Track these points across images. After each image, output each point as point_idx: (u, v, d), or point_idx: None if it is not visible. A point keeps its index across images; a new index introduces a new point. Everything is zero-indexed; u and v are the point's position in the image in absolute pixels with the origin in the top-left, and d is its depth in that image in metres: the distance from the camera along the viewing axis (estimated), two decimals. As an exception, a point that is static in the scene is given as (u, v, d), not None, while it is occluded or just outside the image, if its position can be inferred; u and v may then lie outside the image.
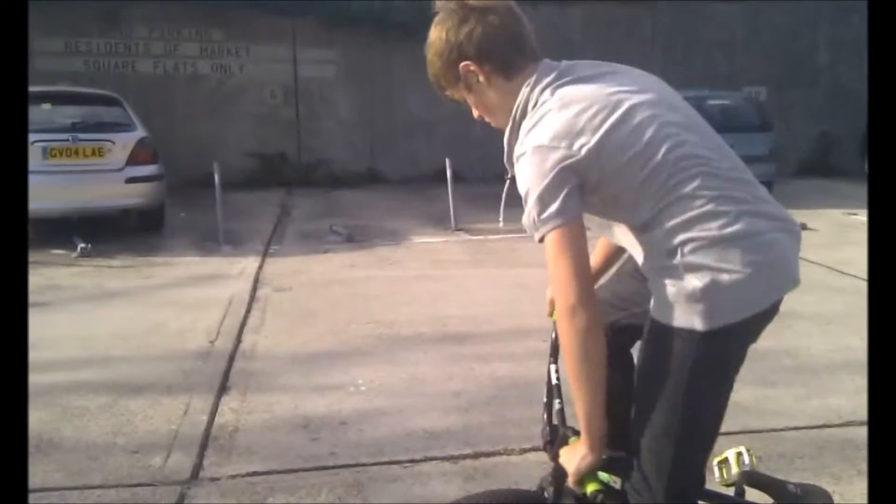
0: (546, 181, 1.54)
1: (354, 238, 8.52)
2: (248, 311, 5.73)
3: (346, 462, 3.37)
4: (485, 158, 14.57)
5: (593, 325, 1.55)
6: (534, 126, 1.58)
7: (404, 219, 9.94)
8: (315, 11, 13.37)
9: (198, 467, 3.33)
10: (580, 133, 1.54)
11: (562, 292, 1.55)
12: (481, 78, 1.69)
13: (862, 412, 3.75)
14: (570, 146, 1.54)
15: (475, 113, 1.80)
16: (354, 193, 12.52)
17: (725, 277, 1.54)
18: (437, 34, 1.70)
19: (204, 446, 3.52)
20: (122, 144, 8.26)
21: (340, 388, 4.21)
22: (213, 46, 13.63)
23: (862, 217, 9.65)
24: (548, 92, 1.62)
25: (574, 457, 1.68)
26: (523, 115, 1.65)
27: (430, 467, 3.33)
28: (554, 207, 1.54)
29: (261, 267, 7.20)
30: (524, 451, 3.46)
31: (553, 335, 1.96)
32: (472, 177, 13.98)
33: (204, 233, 8.63)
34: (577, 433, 1.69)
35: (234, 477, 3.25)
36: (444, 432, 3.66)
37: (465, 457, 3.42)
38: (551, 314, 1.99)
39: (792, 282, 1.63)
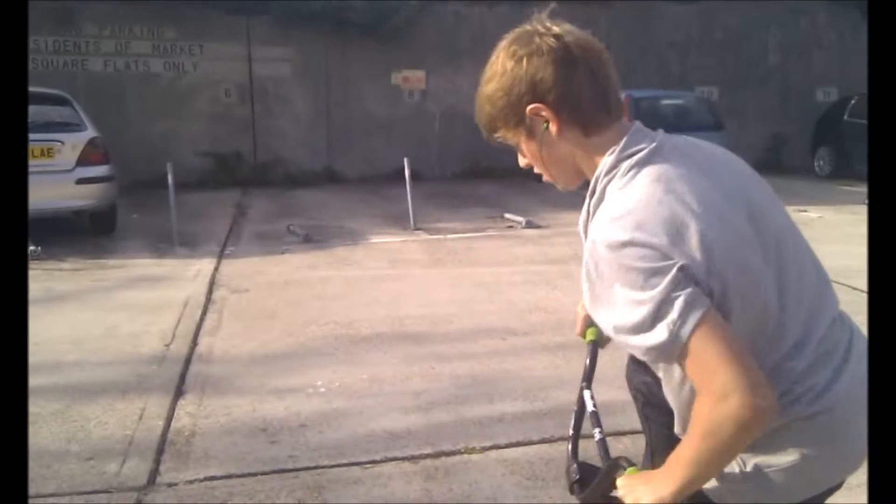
0: (654, 281, 1.22)
1: (312, 238, 8.45)
2: (205, 313, 5.65)
3: (306, 465, 3.34)
4: (443, 157, 14.65)
5: (749, 415, 1.19)
6: (625, 210, 1.27)
7: (362, 218, 9.89)
8: (270, 9, 13.26)
9: (154, 473, 3.27)
10: (687, 231, 1.24)
11: (709, 378, 1.22)
12: (552, 127, 1.37)
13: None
14: (677, 245, 1.23)
15: (522, 161, 1.47)
16: (312, 193, 12.42)
17: (777, 467, 1.36)
18: (505, 63, 1.38)
19: (160, 451, 3.47)
20: (71, 145, 8.08)
21: (299, 390, 4.18)
22: (165, 45, 13.40)
23: (812, 213, 9.89)
24: (646, 169, 1.32)
25: (644, 492, 1.32)
26: (606, 183, 1.36)
27: (391, 468, 3.33)
28: (678, 306, 1.21)
29: (217, 268, 7.11)
30: (485, 449, 3.48)
31: (587, 360, 1.75)
32: (431, 176, 14.02)
33: (158, 234, 8.49)
34: (631, 464, 1.41)
35: (191, 482, 3.20)
36: (404, 432, 3.66)
37: (425, 456, 3.42)
38: (583, 335, 1.81)
39: (856, 465, 1.43)
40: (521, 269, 7.04)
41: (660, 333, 1.22)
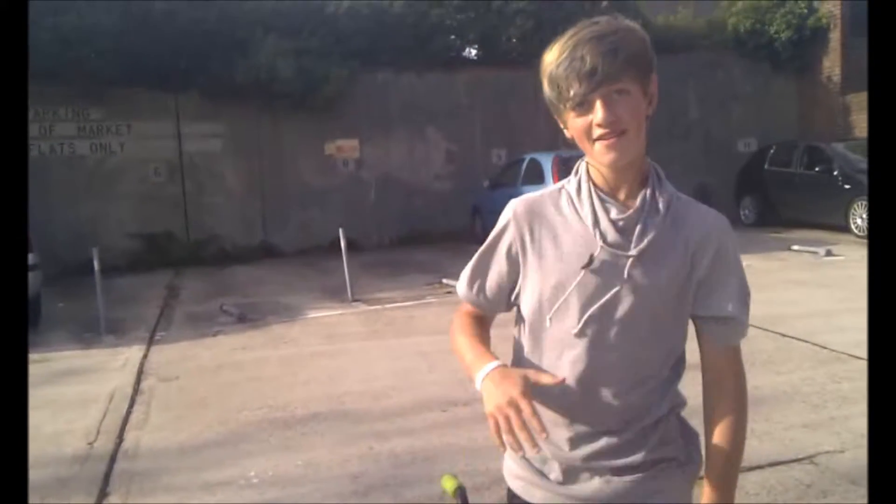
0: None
1: (247, 317, 8.26)
2: (132, 405, 5.40)
3: (237, 566, 3.16)
4: (380, 225, 14.63)
5: None
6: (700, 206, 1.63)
7: (299, 293, 9.73)
8: (198, 85, 13.20)
9: (71, 589, 3.05)
10: None
11: (737, 359, 1.53)
12: (652, 105, 1.54)
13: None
14: None
15: (612, 116, 1.43)
16: (247, 269, 12.23)
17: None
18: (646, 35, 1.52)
19: (79, 564, 3.24)
20: (-10, 234, 7.78)
21: (231, 482, 3.98)
22: (91, 125, 13.21)
23: (745, 262, 10.08)
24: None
25: None
26: (665, 186, 1.62)
27: (327, 563, 3.17)
28: None
29: (145, 356, 6.85)
30: (425, 533, 3.35)
31: (458, 501, 1.63)
32: (368, 244, 13.97)
33: (84, 323, 8.19)
34: None
35: None
36: (341, 522, 3.50)
37: (364, 547, 3.27)
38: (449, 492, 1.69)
39: None
40: (460, 336, 6.95)
41: (742, 318, 1.53)
